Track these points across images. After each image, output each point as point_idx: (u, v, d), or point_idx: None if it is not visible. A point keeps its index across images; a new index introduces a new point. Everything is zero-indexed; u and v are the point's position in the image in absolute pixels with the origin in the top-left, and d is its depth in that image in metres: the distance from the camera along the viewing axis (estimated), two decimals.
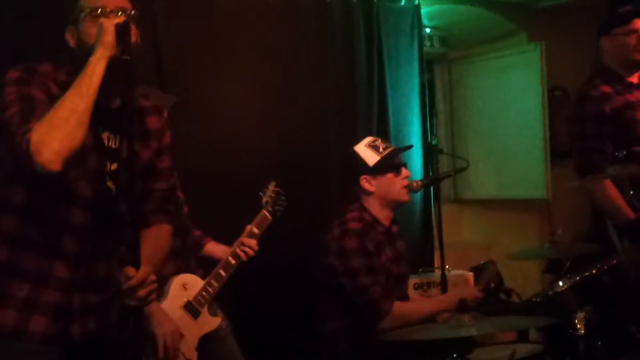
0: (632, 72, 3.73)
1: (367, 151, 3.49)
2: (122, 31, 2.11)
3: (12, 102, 2.09)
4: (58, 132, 2.00)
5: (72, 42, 2.26)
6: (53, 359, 2.21)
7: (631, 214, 3.48)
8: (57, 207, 2.19)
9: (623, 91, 3.67)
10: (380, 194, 3.46)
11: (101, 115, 2.16)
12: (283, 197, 3.49)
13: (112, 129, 2.27)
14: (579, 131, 3.66)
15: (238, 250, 3.32)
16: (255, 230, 3.38)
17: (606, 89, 3.64)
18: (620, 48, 3.68)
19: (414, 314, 3.32)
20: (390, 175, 3.46)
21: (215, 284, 3.25)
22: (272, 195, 3.47)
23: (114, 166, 2.27)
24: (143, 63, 3.66)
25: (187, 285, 3.20)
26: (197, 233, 3.52)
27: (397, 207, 3.55)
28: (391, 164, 3.47)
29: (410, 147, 4.03)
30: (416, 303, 3.49)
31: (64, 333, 2.22)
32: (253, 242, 3.33)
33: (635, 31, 3.66)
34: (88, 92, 2.06)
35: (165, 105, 3.24)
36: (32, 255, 2.19)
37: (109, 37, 2.10)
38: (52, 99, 2.11)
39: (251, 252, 3.32)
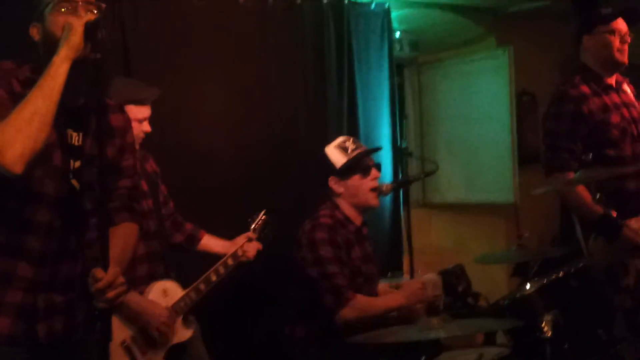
0: (611, 73, 3.73)
1: (335, 152, 3.49)
2: (92, 28, 2.09)
3: None
4: (20, 135, 1.98)
5: (37, 37, 2.23)
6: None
7: (600, 210, 3.47)
8: (21, 205, 2.17)
9: (600, 92, 3.66)
10: (348, 196, 3.46)
11: (66, 112, 2.13)
12: (270, 227, 3.58)
13: (76, 126, 2.25)
14: (553, 128, 3.64)
15: (220, 268, 3.37)
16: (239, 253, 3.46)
17: (585, 89, 3.63)
18: (603, 47, 3.66)
19: (373, 307, 3.33)
20: (357, 177, 3.46)
21: (194, 296, 3.28)
22: (261, 222, 3.57)
23: (77, 164, 2.25)
24: (111, 63, 3.64)
25: (167, 292, 3.21)
26: (189, 226, 3.51)
27: (365, 210, 3.54)
28: (358, 165, 3.47)
29: (379, 149, 4.03)
30: (376, 299, 3.48)
31: (29, 334, 2.19)
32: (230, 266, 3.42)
33: (617, 31, 3.65)
34: (51, 94, 2.03)
35: (149, 97, 3.22)
36: None
37: (76, 37, 2.07)
38: (15, 97, 2.08)
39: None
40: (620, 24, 3.67)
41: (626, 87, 3.82)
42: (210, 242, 3.53)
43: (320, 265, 3.28)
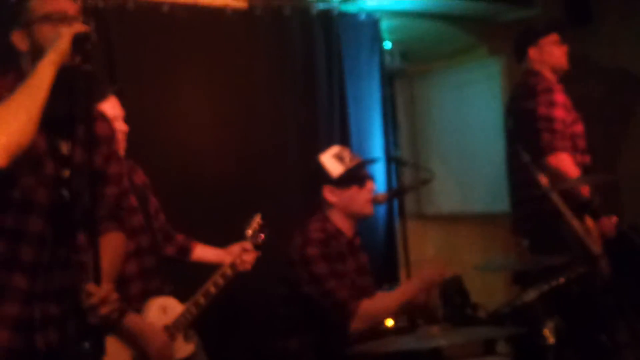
0: (557, 76, 4.17)
1: (332, 162, 3.43)
2: (82, 40, 2.11)
3: None
4: (5, 126, 1.98)
5: (22, 46, 2.24)
6: None
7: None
8: (14, 216, 2.17)
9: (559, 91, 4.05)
10: (343, 206, 3.40)
11: (54, 121, 2.15)
12: (266, 231, 3.54)
13: (63, 135, 2.26)
14: (549, 114, 3.93)
15: (219, 279, 3.33)
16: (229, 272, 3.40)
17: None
18: (547, 55, 4.15)
19: (381, 309, 3.26)
20: (354, 188, 3.40)
21: (194, 311, 3.23)
22: (257, 227, 3.52)
23: (66, 173, 2.25)
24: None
25: (166, 309, 3.17)
26: (180, 237, 3.49)
27: (360, 219, 3.49)
28: (356, 176, 3.41)
29: (375, 160, 4.00)
30: (381, 298, 3.40)
31: (28, 345, 2.19)
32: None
33: (556, 42, 4.16)
34: (37, 92, 2.04)
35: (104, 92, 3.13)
36: None
37: (63, 44, 2.09)
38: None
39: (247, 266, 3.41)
40: (557, 36, 4.19)
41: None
42: (203, 252, 3.50)
43: (318, 283, 3.21)
